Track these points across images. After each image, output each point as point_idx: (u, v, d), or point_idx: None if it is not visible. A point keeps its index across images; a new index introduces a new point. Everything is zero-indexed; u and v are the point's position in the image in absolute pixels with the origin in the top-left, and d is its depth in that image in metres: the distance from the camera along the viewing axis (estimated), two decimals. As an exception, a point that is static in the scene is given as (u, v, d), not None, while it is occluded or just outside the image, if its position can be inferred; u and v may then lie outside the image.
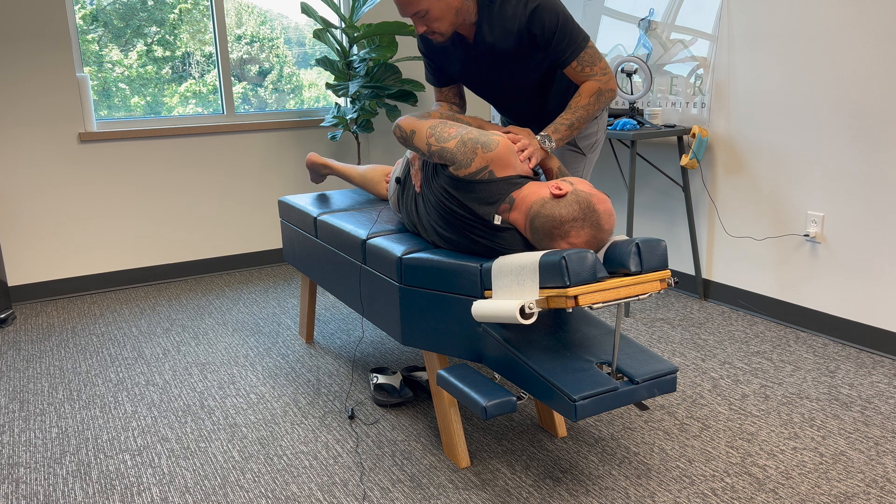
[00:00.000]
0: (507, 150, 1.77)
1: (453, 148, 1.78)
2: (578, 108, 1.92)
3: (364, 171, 2.62)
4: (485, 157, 1.75)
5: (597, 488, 1.83)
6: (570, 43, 1.87)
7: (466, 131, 1.80)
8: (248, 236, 3.92)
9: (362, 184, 2.63)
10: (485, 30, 1.91)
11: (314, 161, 2.74)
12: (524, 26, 1.86)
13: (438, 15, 1.82)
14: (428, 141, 1.83)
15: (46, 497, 1.84)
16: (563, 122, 1.92)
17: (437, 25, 1.84)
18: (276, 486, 1.87)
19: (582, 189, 1.68)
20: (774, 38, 2.82)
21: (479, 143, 1.76)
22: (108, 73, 3.53)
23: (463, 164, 1.76)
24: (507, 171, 1.77)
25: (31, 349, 2.83)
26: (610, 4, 3.56)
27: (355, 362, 2.65)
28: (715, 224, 3.21)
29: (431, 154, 1.83)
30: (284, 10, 3.98)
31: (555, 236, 1.66)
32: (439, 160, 1.82)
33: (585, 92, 1.93)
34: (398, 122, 1.93)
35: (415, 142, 1.87)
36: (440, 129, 1.83)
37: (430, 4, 1.80)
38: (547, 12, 1.84)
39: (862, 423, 2.13)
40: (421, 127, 1.87)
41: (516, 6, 1.85)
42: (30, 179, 3.34)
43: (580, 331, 1.81)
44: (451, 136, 1.80)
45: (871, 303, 2.64)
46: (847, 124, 2.62)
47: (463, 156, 1.76)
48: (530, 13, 1.84)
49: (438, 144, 1.81)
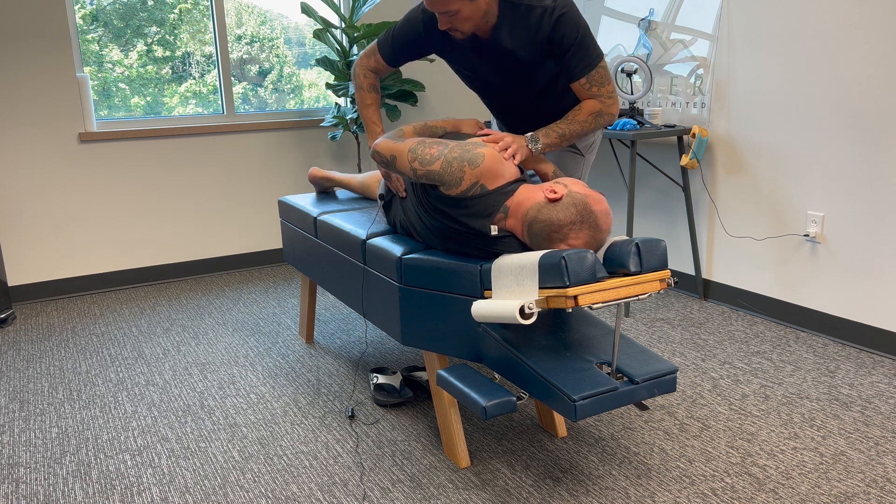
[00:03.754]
0: (494, 161, 1.74)
1: (439, 170, 1.74)
2: (575, 122, 1.91)
3: (363, 180, 2.64)
4: (473, 173, 1.72)
5: (597, 488, 1.83)
6: (584, 57, 1.86)
7: (448, 150, 1.76)
8: (248, 236, 3.92)
9: (362, 192, 2.66)
10: (503, 34, 1.89)
11: (316, 175, 2.76)
12: (547, 35, 1.85)
13: (467, 16, 1.81)
14: (412, 166, 1.79)
15: (46, 497, 1.84)
16: (555, 129, 1.91)
17: (462, 25, 1.83)
18: (276, 486, 1.87)
19: (577, 191, 1.67)
20: (774, 38, 2.82)
21: (464, 160, 1.73)
22: (108, 73, 3.53)
23: (453, 185, 1.74)
24: (497, 182, 1.74)
25: (31, 349, 2.83)
26: (610, 4, 3.56)
27: (355, 362, 2.65)
28: (715, 224, 3.21)
29: (418, 178, 1.80)
30: (284, 10, 3.98)
31: (554, 240, 1.66)
32: (427, 182, 1.79)
33: (586, 109, 1.92)
34: (375, 146, 1.88)
35: (398, 167, 1.83)
36: (421, 150, 1.78)
37: (463, 6, 1.78)
38: (570, 22, 1.83)
39: (862, 423, 2.13)
40: (401, 150, 1.82)
41: (542, 15, 1.83)
42: (30, 179, 3.34)
43: (580, 331, 1.81)
44: (433, 156, 1.76)
45: (871, 303, 2.64)
46: (847, 124, 2.62)
47: (451, 176, 1.73)
48: (555, 21, 1.82)
49: (423, 168, 1.76)
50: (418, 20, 1.99)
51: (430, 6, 1.81)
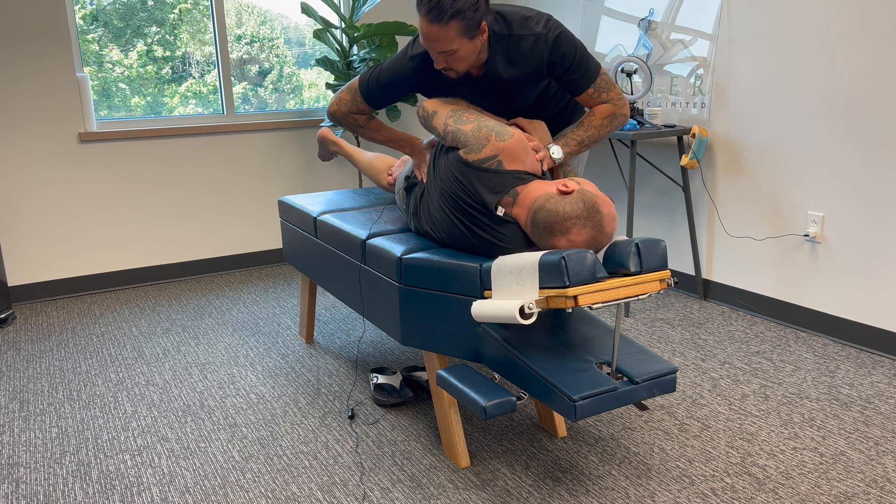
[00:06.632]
0: (520, 145, 1.79)
1: (468, 131, 1.82)
2: (591, 127, 1.93)
3: (370, 160, 2.59)
4: (497, 145, 1.77)
5: (597, 488, 1.83)
6: (586, 71, 1.87)
7: (484, 120, 1.84)
8: (248, 236, 3.92)
9: (367, 170, 2.60)
10: (499, 66, 1.89)
11: (326, 136, 2.68)
12: (546, 60, 1.85)
13: (464, 55, 1.81)
14: (446, 121, 1.88)
15: (46, 497, 1.84)
16: (574, 137, 1.93)
17: (458, 65, 1.83)
18: (276, 486, 1.87)
19: (588, 189, 1.70)
20: (774, 38, 2.82)
21: (493, 131, 1.80)
22: (108, 73, 3.53)
23: (474, 149, 1.79)
24: (515, 165, 1.78)
25: (31, 349, 2.83)
26: (610, 4, 3.56)
27: (356, 362, 2.65)
28: (715, 224, 3.21)
29: (446, 134, 1.87)
30: (284, 10, 3.98)
31: (555, 232, 1.66)
32: (452, 142, 1.85)
33: (600, 113, 1.93)
34: (423, 102, 1.98)
35: (433, 122, 1.92)
36: (460, 113, 1.88)
37: (462, 45, 1.78)
38: (567, 42, 1.84)
39: (862, 423, 2.13)
40: (443, 109, 1.92)
41: (536, 42, 1.83)
42: (30, 179, 3.34)
43: (580, 331, 1.81)
44: (468, 120, 1.84)
45: (871, 303, 2.64)
46: (847, 124, 2.62)
47: (476, 140, 1.79)
48: (552, 45, 1.83)
49: (455, 126, 1.85)
50: (407, 67, 1.95)
51: (429, 45, 1.79)
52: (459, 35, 1.75)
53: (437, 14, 1.72)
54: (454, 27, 1.74)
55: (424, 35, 1.78)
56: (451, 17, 1.72)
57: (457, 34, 1.75)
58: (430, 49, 1.80)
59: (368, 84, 2.01)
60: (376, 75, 1.99)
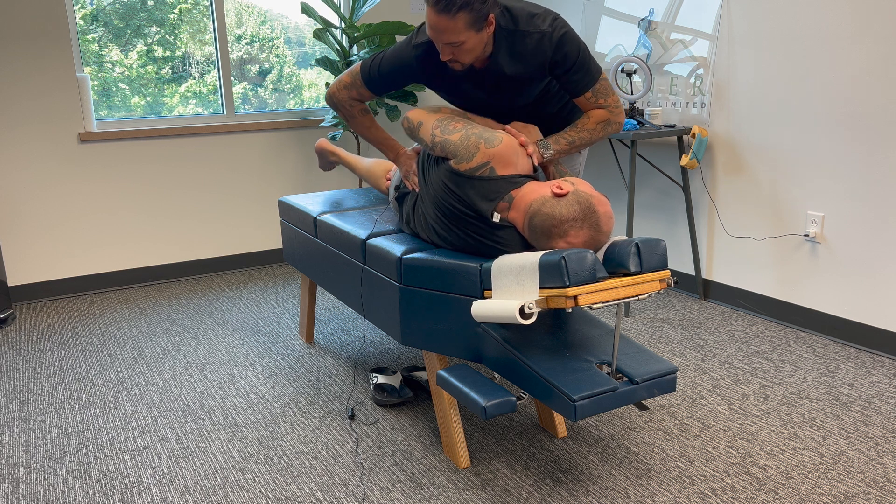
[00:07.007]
0: (510, 149, 1.78)
1: (456, 141, 1.80)
2: (584, 130, 1.93)
3: (369, 166, 2.60)
4: (487, 152, 1.76)
5: (597, 488, 1.83)
6: (587, 74, 1.87)
7: (471, 127, 1.82)
8: (248, 236, 3.92)
9: (366, 176, 2.62)
10: (502, 61, 1.88)
11: (324, 147, 2.70)
12: (549, 58, 1.85)
13: (471, 48, 1.79)
14: (433, 132, 1.86)
15: (46, 497, 1.84)
16: (565, 136, 1.92)
17: (464, 57, 1.81)
18: (276, 486, 1.87)
19: (583, 190, 1.69)
20: (774, 38, 2.82)
21: (482, 138, 1.78)
22: (108, 73, 3.53)
23: (464, 158, 1.77)
24: (508, 170, 1.77)
25: (31, 349, 2.83)
26: (610, 4, 3.56)
27: (356, 362, 2.65)
28: (715, 224, 3.21)
29: (434, 146, 1.85)
30: (284, 10, 3.98)
31: (553, 235, 1.66)
32: (441, 152, 1.84)
33: (594, 117, 1.93)
34: (407, 113, 1.95)
35: (420, 133, 1.90)
36: (447, 122, 1.86)
37: (469, 37, 1.76)
38: (571, 42, 1.83)
39: (862, 423, 2.13)
40: (428, 119, 1.90)
41: (541, 40, 1.82)
42: (30, 179, 3.34)
43: (580, 331, 1.81)
44: (455, 129, 1.82)
45: (871, 303, 2.64)
46: (847, 124, 2.62)
47: (465, 150, 1.77)
48: (556, 43, 1.82)
49: (443, 136, 1.83)
50: (410, 55, 1.94)
51: (436, 36, 1.78)
52: (467, 27, 1.74)
53: (445, 4, 1.71)
54: (462, 18, 1.72)
55: (432, 26, 1.76)
56: (460, 9, 1.71)
57: (464, 26, 1.74)
58: (437, 40, 1.79)
59: (370, 69, 2.00)
60: (378, 61, 1.99)
